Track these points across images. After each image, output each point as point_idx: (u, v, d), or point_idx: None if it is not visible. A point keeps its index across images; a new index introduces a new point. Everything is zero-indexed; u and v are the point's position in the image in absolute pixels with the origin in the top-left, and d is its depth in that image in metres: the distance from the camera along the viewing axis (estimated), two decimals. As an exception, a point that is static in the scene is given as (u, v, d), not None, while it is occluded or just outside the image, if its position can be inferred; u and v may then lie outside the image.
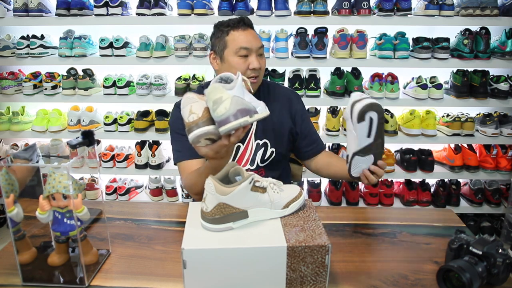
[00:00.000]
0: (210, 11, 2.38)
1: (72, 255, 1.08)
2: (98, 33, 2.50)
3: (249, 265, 0.94)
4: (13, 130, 2.55)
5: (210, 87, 1.04)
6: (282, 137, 1.50)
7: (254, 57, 1.37)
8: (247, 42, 1.37)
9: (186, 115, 1.07)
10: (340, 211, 1.48)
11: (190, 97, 1.08)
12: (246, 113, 1.03)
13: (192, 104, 1.06)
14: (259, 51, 1.40)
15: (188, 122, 1.06)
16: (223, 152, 1.13)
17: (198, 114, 1.05)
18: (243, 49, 1.37)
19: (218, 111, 1.01)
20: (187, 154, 1.42)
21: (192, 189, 1.37)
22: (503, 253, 0.96)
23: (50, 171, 0.99)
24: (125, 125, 2.51)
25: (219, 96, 1.01)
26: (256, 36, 1.41)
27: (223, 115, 1.01)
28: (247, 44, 1.37)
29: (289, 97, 1.55)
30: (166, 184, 2.69)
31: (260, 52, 1.40)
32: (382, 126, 1.12)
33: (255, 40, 1.39)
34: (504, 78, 2.38)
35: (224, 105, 1.01)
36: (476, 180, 2.60)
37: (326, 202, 2.66)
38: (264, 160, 1.48)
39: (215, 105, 1.01)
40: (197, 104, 1.06)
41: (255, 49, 1.38)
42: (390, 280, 1.03)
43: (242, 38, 1.38)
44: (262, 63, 1.41)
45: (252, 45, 1.37)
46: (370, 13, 2.29)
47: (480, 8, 2.25)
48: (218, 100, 1.01)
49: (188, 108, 1.06)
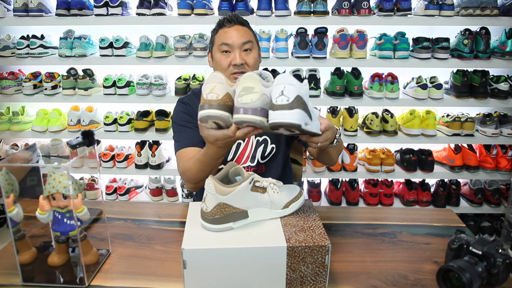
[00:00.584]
0: (210, 11, 2.38)
1: (72, 255, 1.08)
2: (98, 33, 2.50)
3: (249, 265, 0.94)
4: (13, 130, 2.55)
5: (248, 73, 1.00)
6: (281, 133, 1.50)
7: (237, 53, 1.37)
8: (228, 38, 1.38)
9: (206, 91, 1.02)
10: (340, 211, 1.48)
11: (218, 76, 1.03)
12: (266, 115, 0.98)
13: (217, 83, 1.02)
14: (244, 47, 1.39)
15: (205, 98, 1.02)
16: (222, 142, 1.11)
17: (218, 95, 1.01)
18: (224, 45, 1.38)
19: (244, 99, 0.97)
20: (185, 143, 1.43)
21: (185, 175, 1.36)
22: (503, 253, 0.96)
23: (50, 171, 0.99)
24: (125, 125, 2.51)
25: (252, 86, 0.97)
26: (242, 31, 1.40)
27: (246, 104, 0.97)
28: (228, 40, 1.38)
29: None
30: (166, 184, 2.69)
31: (246, 48, 1.39)
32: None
33: (238, 36, 1.38)
34: (504, 78, 2.38)
35: (251, 96, 0.97)
36: (476, 180, 2.60)
37: (326, 202, 2.66)
38: (264, 157, 1.49)
39: (243, 91, 0.98)
40: (222, 86, 1.02)
41: (237, 45, 1.37)
42: (390, 280, 1.03)
43: (225, 34, 1.39)
44: (249, 58, 1.39)
45: (234, 41, 1.37)
46: (370, 13, 2.29)
47: (480, 8, 2.25)
48: (249, 89, 0.97)
49: (211, 86, 1.02)
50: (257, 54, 1.44)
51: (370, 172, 2.53)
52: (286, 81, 0.96)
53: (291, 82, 0.96)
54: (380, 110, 2.54)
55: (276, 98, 0.95)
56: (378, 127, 2.44)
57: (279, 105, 0.94)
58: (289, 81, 0.96)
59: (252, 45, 1.41)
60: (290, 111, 0.94)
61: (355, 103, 2.41)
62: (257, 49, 1.45)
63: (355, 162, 2.52)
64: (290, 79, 0.96)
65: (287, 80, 0.96)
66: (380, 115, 2.47)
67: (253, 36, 1.45)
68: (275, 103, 0.95)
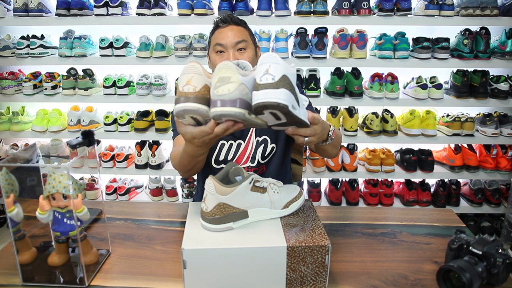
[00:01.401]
0: (210, 11, 2.38)
1: (72, 255, 1.08)
2: (98, 33, 2.50)
3: (249, 265, 0.94)
4: (13, 130, 2.55)
5: (222, 63, 0.91)
6: (281, 132, 1.50)
7: (231, 52, 1.37)
8: (222, 39, 1.38)
9: (183, 83, 0.94)
10: (340, 211, 1.48)
11: (194, 66, 0.95)
12: (247, 107, 0.89)
13: (194, 74, 0.94)
14: (238, 46, 1.38)
15: (181, 91, 0.94)
16: (200, 140, 1.03)
17: (196, 87, 0.93)
18: (218, 45, 1.38)
19: (220, 90, 0.88)
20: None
21: (171, 162, 1.38)
22: (503, 253, 0.96)
23: (50, 171, 0.99)
24: (125, 125, 2.51)
25: (228, 75, 0.88)
26: (236, 31, 1.39)
27: (223, 96, 0.88)
28: (221, 40, 1.38)
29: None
30: (166, 184, 2.69)
31: (239, 47, 1.38)
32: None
33: (232, 35, 1.38)
34: (504, 78, 2.38)
35: (228, 86, 0.88)
36: (476, 180, 2.60)
37: (326, 202, 2.66)
38: (264, 157, 1.48)
39: (219, 82, 0.89)
40: (199, 77, 0.94)
41: (230, 45, 1.37)
42: (390, 280, 1.03)
43: (219, 35, 1.39)
44: (243, 58, 1.38)
45: (227, 41, 1.37)
46: (370, 13, 2.29)
47: (480, 8, 2.25)
48: (225, 79, 0.88)
49: (188, 77, 0.94)
50: (252, 54, 1.42)
51: (370, 172, 2.53)
52: (272, 60, 0.87)
53: (276, 61, 0.87)
54: (380, 110, 2.54)
55: (260, 77, 0.86)
56: (378, 127, 2.44)
57: (264, 84, 0.85)
58: (275, 60, 0.87)
59: (247, 44, 1.40)
60: (276, 90, 0.84)
61: (355, 103, 2.41)
62: (252, 48, 1.43)
63: (355, 162, 2.52)
64: (276, 58, 0.88)
65: (272, 59, 0.87)
66: (380, 115, 2.47)
67: (249, 36, 1.43)
68: (259, 82, 0.86)
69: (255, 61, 1.45)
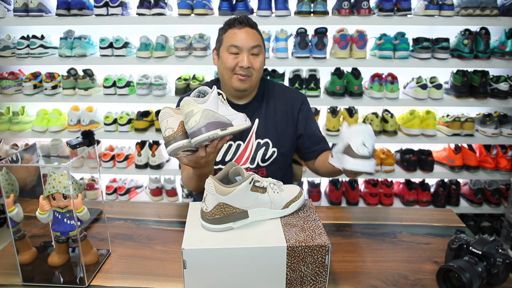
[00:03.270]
0: (210, 11, 2.38)
1: (72, 255, 1.08)
2: (98, 33, 2.50)
3: (249, 265, 0.94)
4: (13, 130, 2.55)
5: (183, 100, 1.07)
6: (285, 138, 1.50)
7: (245, 56, 1.37)
8: (238, 40, 1.38)
9: (163, 129, 1.10)
10: (340, 211, 1.48)
11: (166, 112, 1.11)
12: (217, 126, 1.06)
13: (167, 118, 1.10)
14: (253, 51, 1.39)
15: (165, 136, 1.10)
16: (202, 162, 1.17)
17: (173, 128, 1.09)
18: (233, 47, 1.38)
19: (189, 124, 1.05)
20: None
21: (187, 186, 1.46)
22: (503, 253, 0.96)
23: (50, 171, 0.99)
24: (125, 125, 2.51)
25: (190, 110, 1.05)
26: (252, 35, 1.40)
27: (193, 128, 1.04)
28: (237, 42, 1.37)
29: (294, 98, 1.54)
30: (166, 184, 2.69)
31: (254, 52, 1.39)
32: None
33: (248, 39, 1.38)
34: (504, 78, 2.38)
35: (194, 118, 1.04)
36: (476, 180, 2.60)
37: (326, 202, 2.66)
38: (265, 160, 1.48)
39: (186, 117, 1.05)
40: (173, 119, 1.10)
41: (246, 48, 1.37)
42: (390, 280, 1.03)
43: (235, 36, 1.39)
44: (256, 62, 1.39)
45: (243, 44, 1.37)
46: (370, 13, 2.29)
47: (480, 8, 2.25)
48: (190, 113, 1.05)
49: (165, 123, 1.10)
50: (263, 59, 1.44)
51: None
52: (366, 132, 1.11)
53: (370, 133, 1.11)
54: (380, 110, 2.54)
55: (357, 148, 1.09)
56: (378, 127, 2.44)
57: (361, 156, 1.09)
58: (368, 131, 1.11)
59: (260, 49, 1.41)
60: (370, 161, 1.10)
61: (355, 103, 2.41)
62: (264, 54, 1.44)
63: (355, 162, 2.52)
64: (369, 130, 1.11)
65: (366, 131, 1.11)
66: (380, 115, 2.47)
67: (262, 40, 1.44)
68: (356, 152, 1.09)
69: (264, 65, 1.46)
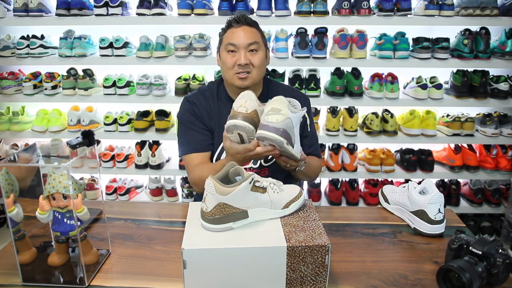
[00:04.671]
0: (210, 11, 2.38)
1: (72, 255, 1.08)
2: (98, 33, 2.50)
3: (249, 265, 0.94)
4: (13, 130, 2.55)
5: (280, 96, 1.13)
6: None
7: (242, 53, 1.38)
8: (234, 39, 1.39)
9: (237, 104, 1.16)
10: (340, 211, 1.48)
11: (250, 94, 1.18)
12: (287, 138, 1.10)
13: (248, 100, 1.16)
14: (250, 47, 1.39)
15: (235, 110, 1.15)
16: (243, 156, 1.20)
17: (248, 109, 1.14)
18: (230, 45, 1.39)
19: (270, 118, 1.09)
20: (192, 148, 1.45)
21: (199, 185, 1.39)
22: (503, 253, 0.96)
23: (50, 171, 0.99)
24: (125, 125, 2.51)
25: (280, 107, 1.10)
26: (249, 32, 1.40)
27: (271, 123, 1.09)
28: (233, 40, 1.39)
29: (298, 98, 1.53)
30: (166, 184, 2.69)
31: (251, 48, 1.39)
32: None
33: (245, 36, 1.39)
34: (504, 78, 2.38)
35: (277, 116, 1.09)
36: (476, 180, 2.60)
37: (326, 202, 2.66)
38: (268, 160, 1.48)
39: (271, 111, 1.10)
40: (251, 103, 1.16)
41: (242, 45, 1.38)
42: (390, 280, 1.03)
43: (232, 34, 1.40)
44: (254, 59, 1.40)
45: (239, 41, 1.38)
46: (370, 13, 2.29)
47: (480, 8, 2.25)
48: (277, 110, 1.09)
49: (243, 101, 1.16)
50: (263, 55, 1.44)
51: (370, 172, 2.53)
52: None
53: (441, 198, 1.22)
54: (380, 110, 2.54)
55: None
56: (378, 127, 2.44)
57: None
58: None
59: (258, 46, 1.41)
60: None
61: (355, 103, 2.41)
62: (264, 50, 1.44)
63: (355, 162, 2.52)
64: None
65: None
66: (380, 115, 2.47)
67: (261, 37, 1.44)
68: (433, 219, 1.18)
69: (265, 63, 1.47)
